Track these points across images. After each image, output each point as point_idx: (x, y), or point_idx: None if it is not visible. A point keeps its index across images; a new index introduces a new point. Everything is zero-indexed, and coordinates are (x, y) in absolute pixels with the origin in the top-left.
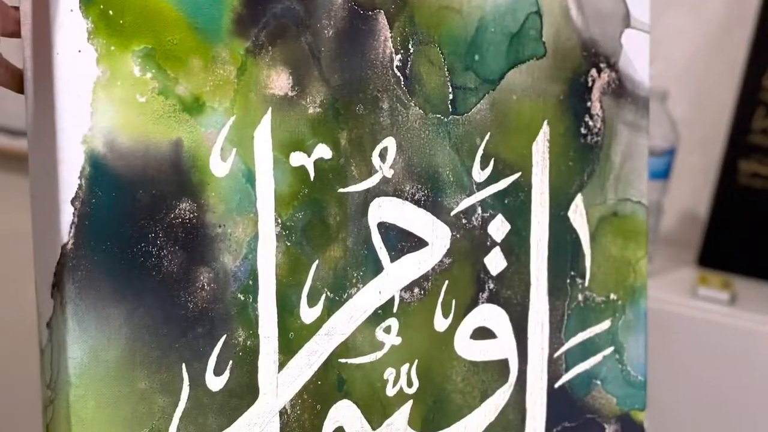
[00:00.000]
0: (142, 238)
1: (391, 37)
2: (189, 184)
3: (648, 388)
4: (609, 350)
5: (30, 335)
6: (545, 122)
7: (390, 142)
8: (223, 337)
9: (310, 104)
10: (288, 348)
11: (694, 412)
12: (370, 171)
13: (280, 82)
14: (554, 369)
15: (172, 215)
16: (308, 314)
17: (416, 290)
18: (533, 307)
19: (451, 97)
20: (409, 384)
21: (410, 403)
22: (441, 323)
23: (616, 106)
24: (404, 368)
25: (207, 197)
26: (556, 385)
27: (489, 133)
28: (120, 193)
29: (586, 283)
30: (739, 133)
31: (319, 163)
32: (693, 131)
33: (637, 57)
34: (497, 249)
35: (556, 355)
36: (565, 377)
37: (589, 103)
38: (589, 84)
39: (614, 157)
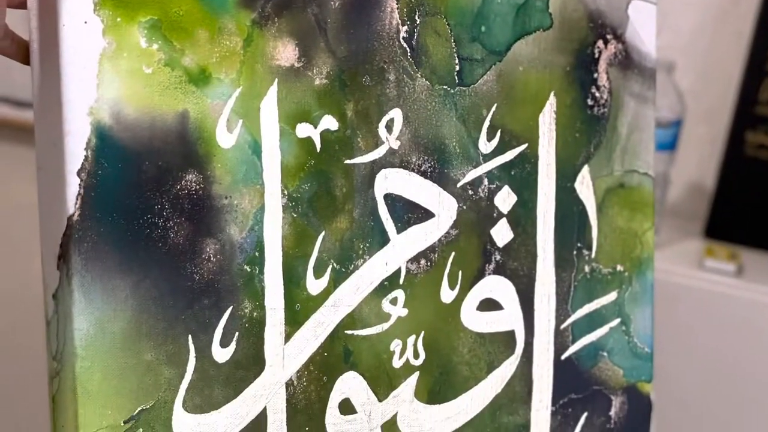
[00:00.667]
0: (148, 209)
1: (398, 9)
2: (195, 155)
3: (654, 360)
4: (615, 322)
5: (36, 307)
6: (552, 94)
7: (396, 114)
8: (230, 309)
9: (317, 75)
10: (294, 319)
11: (701, 383)
12: (377, 142)
13: (286, 53)
14: (561, 340)
15: (178, 187)
16: (314, 286)
17: (423, 262)
18: (540, 279)
19: (457, 68)
20: (416, 356)
21: (417, 374)
22: (447, 295)
23: (623, 78)
24: (410, 340)
25: (213, 169)
26: (563, 357)
27: (495, 105)
28: (126, 164)
29: (593, 255)
30: (745, 104)
31: (325, 135)
32: (700, 102)
33: (643, 28)
34: (504, 220)
35: (562, 326)
36: (572, 349)
37: (595, 75)
38: (596, 55)
39: (621, 128)
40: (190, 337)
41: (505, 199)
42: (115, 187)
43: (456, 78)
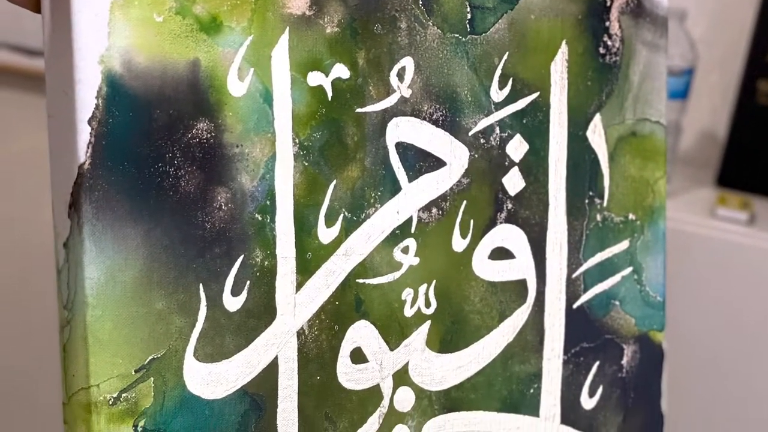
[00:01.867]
0: (160, 158)
1: None
2: (206, 103)
3: (666, 309)
4: (627, 270)
5: (46, 255)
6: (563, 42)
7: (408, 62)
8: (241, 258)
9: (328, 24)
10: (305, 268)
11: (713, 332)
12: (388, 91)
13: (297, 1)
14: (572, 289)
15: (190, 135)
16: (326, 234)
17: (434, 210)
18: (551, 228)
19: (469, 16)
20: (427, 304)
21: (428, 323)
22: (459, 243)
23: (635, 26)
24: (422, 288)
25: (224, 117)
26: (575, 306)
27: (507, 53)
28: (137, 113)
29: (605, 204)
30: (758, 52)
31: (336, 83)
32: (712, 51)
33: None
34: (515, 169)
35: (574, 275)
36: (584, 297)
37: (607, 23)
38: (608, 3)
39: (633, 76)
40: (201, 285)
41: (517, 148)
42: (126, 136)
43: (467, 26)
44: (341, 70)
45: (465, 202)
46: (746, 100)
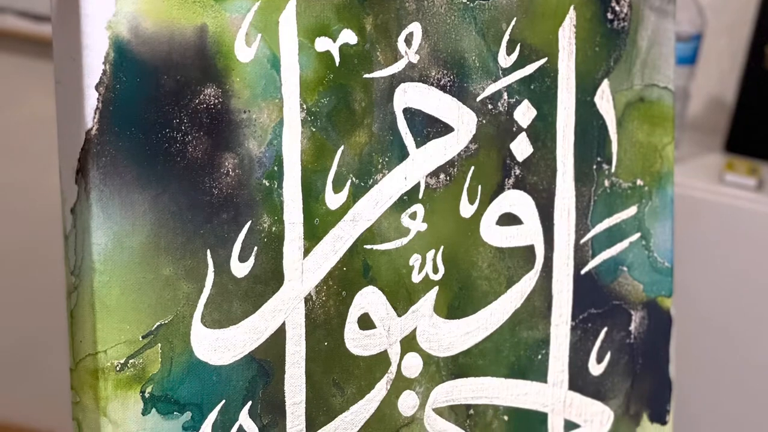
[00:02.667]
0: (167, 123)
1: None
2: (214, 69)
3: (674, 275)
4: (635, 236)
5: (54, 221)
6: (572, 7)
7: (416, 28)
8: (248, 223)
9: None
10: (313, 234)
11: (721, 297)
12: (396, 56)
13: None
14: (580, 255)
15: (197, 101)
16: (333, 200)
17: (442, 176)
18: (559, 193)
19: None
20: (435, 270)
21: (436, 289)
22: (467, 209)
23: None
24: (430, 254)
25: (232, 83)
26: (583, 272)
27: (515, 18)
28: (144, 78)
29: (613, 169)
30: (766, 17)
31: (344, 49)
32: (720, 16)
33: None
34: (523, 134)
35: (582, 241)
36: (592, 263)
37: None
38: None
39: (641, 42)
40: (208, 251)
41: (525, 113)
42: (133, 102)
43: None
44: (349, 36)
45: (473, 167)
46: (754, 66)
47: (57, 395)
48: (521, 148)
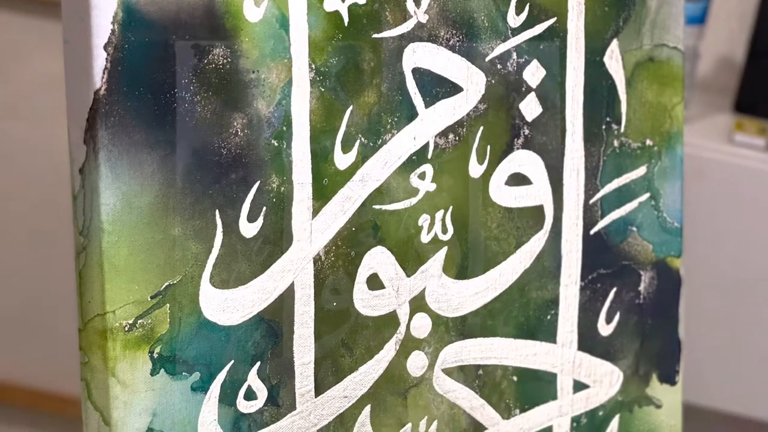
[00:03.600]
0: (176, 83)
1: None
2: (222, 29)
3: (683, 235)
4: (645, 196)
5: (62, 181)
6: None
7: None
8: (257, 184)
9: None
10: (322, 194)
11: (731, 257)
12: (405, 16)
13: None
14: (590, 215)
15: (206, 61)
16: (342, 160)
17: (451, 136)
18: (568, 153)
19: None
20: (444, 230)
21: (445, 249)
22: (476, 169)
23: None
24: (439, 214)
25: (240, 43)
26: (592, 232)
27: None
28: (153, 38)
29: (622, 129)
30: None
31: (353, 8)
32: None
33: None
34: (532, 95)
35: (591, 201)
36: (601, 223)
37: None
38: None
39: (650, 2)
40: (217, 211)
41: (534, 73)
42: (141, 62)
43: None
44: None
45: (482, 127)
46: (764, 26)
47: (65, 356)
48: (530, 108)
